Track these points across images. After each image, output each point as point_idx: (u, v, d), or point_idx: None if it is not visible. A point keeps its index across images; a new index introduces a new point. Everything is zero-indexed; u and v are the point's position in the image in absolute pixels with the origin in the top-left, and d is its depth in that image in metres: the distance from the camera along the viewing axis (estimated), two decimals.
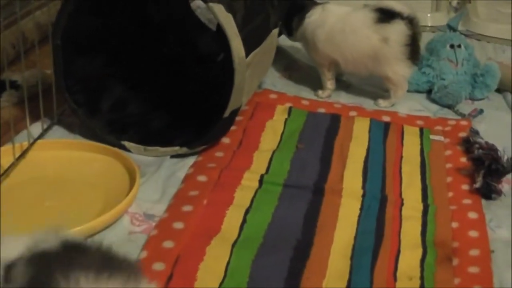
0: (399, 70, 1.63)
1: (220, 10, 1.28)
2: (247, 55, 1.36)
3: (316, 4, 1.70)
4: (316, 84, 1.76)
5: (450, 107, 1.70)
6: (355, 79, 1.80)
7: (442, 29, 2.20)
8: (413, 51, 1.62)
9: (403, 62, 1.62)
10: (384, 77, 1.66)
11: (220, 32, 1.30)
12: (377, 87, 1.76)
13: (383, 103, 1.69)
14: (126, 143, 1.41)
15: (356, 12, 1.64)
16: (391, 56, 1.61)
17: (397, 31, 1.58)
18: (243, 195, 1.28)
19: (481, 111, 1.67)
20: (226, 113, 1.34)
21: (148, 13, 1.68)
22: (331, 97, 1.71)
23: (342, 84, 1.78)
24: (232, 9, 1.36)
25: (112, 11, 1.50)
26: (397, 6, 1.60)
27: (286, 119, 1.57)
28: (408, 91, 1.74)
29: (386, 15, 1.59)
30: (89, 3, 1.40)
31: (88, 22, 1.44)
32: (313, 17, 1.67)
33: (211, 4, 1.28)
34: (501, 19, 2.29)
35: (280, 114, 1.59)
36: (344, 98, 1.71)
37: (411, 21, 1.59)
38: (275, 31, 1.56)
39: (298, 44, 1.84)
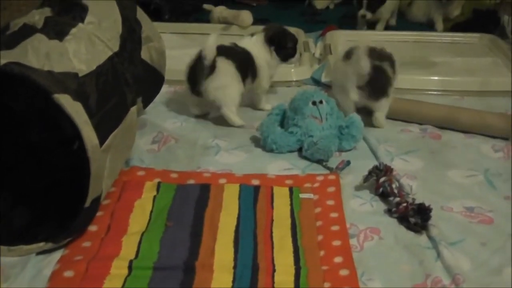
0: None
1: (66, 100, 1.26)
2: (105, 137, 1.34)
3: None
4: (186, 154, 1.75)
5: (320, 162, 1.73)
6: (224, 143, 1.81)
7: (306, 82, 2.25)
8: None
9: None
10: None
11: None
12: (246, 150, 1.79)
13: None
14: None
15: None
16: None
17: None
18: (112, 286, 1.24)
19: (348, 162, 1.70)
20: (87, 203, 1.30)
21: (5, 104, 1.62)
22: (200, 167, 1.69)
23: (212, 150, 1.78)
24: (84, 93, 1.34)
25: None
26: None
27: (155, 196, 1.53)
28: (280, 152, 1.77)
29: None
30: None
31: None
32: None
33: (56, 95, 1.25)
34: None
35: (148, 191, 1.55)
36: (214, 165, 1.70)
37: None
38: (134, 108, 1.55)
39: (165, 115, 2.01)
